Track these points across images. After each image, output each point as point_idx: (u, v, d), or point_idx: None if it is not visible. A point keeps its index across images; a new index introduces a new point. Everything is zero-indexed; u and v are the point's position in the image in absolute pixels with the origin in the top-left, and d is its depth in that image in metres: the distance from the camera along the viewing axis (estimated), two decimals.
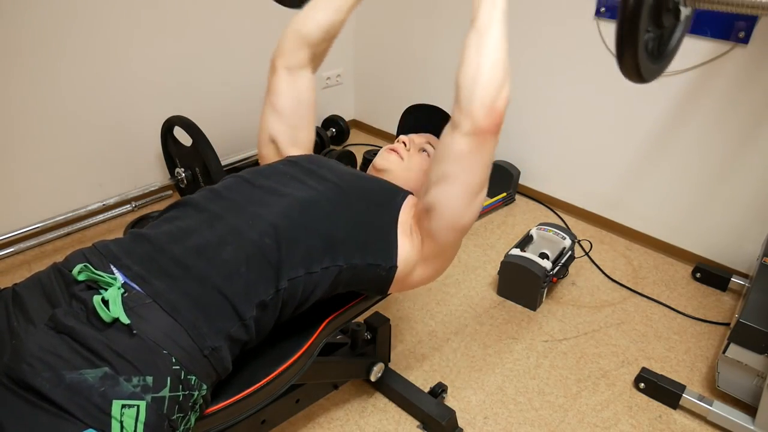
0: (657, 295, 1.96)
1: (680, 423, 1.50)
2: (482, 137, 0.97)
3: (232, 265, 0.90)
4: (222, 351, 0.86)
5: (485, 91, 0.95)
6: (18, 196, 2.00)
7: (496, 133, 0.99)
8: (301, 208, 1.01)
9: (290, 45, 1.22)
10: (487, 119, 0.96)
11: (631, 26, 0.84)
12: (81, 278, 0.85)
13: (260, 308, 0.91)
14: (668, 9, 0.93)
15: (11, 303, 0.87)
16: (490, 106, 0.96)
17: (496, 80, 0.96)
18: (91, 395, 0.73)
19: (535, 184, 2.52)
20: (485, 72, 0.96)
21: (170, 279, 0.87)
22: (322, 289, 0.99)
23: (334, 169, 1.15)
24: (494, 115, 0.97)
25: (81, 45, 1.97)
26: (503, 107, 0.98)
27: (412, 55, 2.71)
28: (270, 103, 1.26)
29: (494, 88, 0.96)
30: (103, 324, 0.79)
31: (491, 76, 0.96)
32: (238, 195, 1.04)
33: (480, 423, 1.47)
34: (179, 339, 0.82)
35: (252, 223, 0.96)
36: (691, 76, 1.91)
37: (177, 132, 2.18)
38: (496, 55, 0.97)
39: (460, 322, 1.81)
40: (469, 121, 0.97)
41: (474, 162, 1.00)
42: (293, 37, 1.21)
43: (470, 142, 0.98)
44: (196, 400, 0.83)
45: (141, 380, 0.76)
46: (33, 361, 0.74)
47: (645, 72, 0.95)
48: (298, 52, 1.22)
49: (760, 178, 1.88)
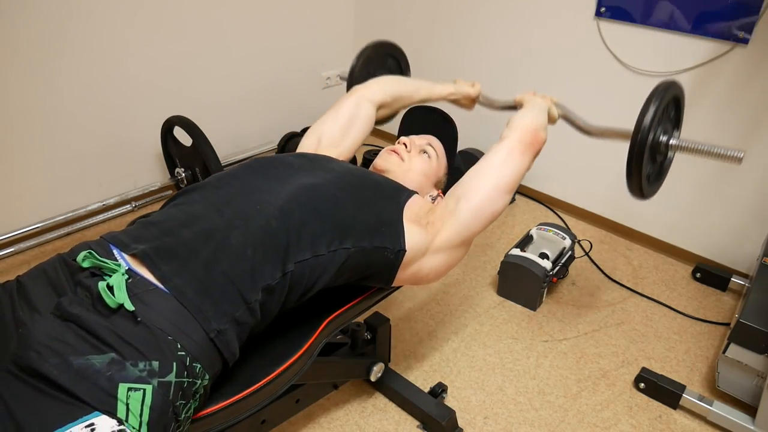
0: (657, 295, 1.96)
1: (680, 423, 1.50)
2: (523, 146, 1.17)
3: (239, 249, 0.91)
4: (228, 334, 0.86)
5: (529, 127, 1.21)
6: (18, 196, 2.00)
7: (533, 151, 1.19)
8: (309, 192, 1.02)
9: (376, 87, 1.43)
10: (529, 136, 1.19)
11: (636, 165, 1.19)
12: (85, 265, 0.85)
13: (266, 292, 0.91)
14: (660, 153, 1.28)
15: (16, 293, 0.87)
16: (534, 131, 1.20)
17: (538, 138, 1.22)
18: (98, 379, 0.73)
19: (535, 184, 2.52)
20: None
21: (178, 262, 0.87)
22: (329, 274, 0.99)
23: (342, 165, 1.20)
24: (536, 137, 1.20)
25: (81, 45, 1.97)
26: (542, 138, 1.22)
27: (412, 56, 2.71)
28: (333, 109, 1.41)
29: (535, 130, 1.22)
30: (109, 310, 0.79)
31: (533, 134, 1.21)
32: (245, 182, 1.05)
33: (480, 423, 1.47)
34: (184, 325, 0.82)
35: (259, 208, 0.97)
36: (691, 76, 1.92)
37: (177, 132, 2.18)
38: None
39: (460, 322, 1.81)
40: (516, 133, 1.19)
41: (510, 162, 1.15)
42: (381, 86, 1.44)
43: (512, 146, 1.16)
44: (198, 389, 0.83)
45: (147, 365, 0.76)
46: (40, 348, 0.74)
47: (646, 193, 1.29)
48: (376, 94, 1.42)
49: (760, 178, 1.88)
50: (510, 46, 2.36)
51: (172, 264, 0.87)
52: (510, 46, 2.36)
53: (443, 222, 1.13)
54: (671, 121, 1.30)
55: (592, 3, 2.05)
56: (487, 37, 2.41)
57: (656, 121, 1.16)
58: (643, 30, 1.98)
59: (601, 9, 2.04)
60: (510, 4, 2.29)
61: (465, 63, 2.52)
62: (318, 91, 2.87)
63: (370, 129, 1.43)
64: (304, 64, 2.74)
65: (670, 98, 1.22)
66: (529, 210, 2.46)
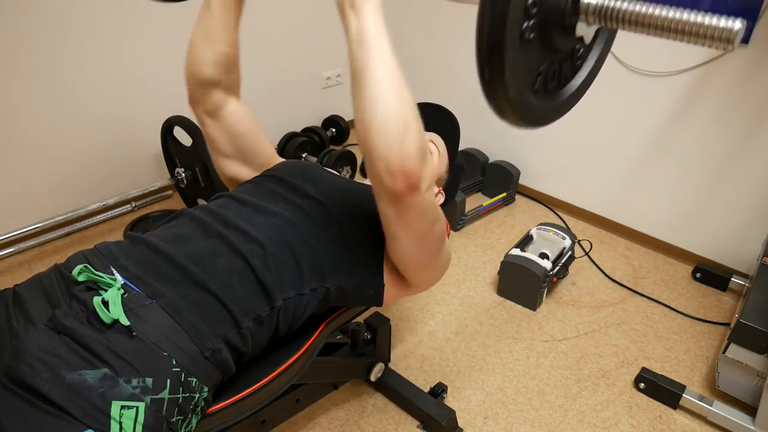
0: (657, 295, 1.96)
1: (680, 423, 1.49)
2: (400, 201, 0.83)
3: (226, 277, 0.90)
4: (223, 353, 0.86)
5: (380, 152, 0.78)
6: (18, 196, 2.00)
7: (416, 191, 0.81)
8: (287, 229, 1.00)
9: (197, 92, 1.13)
10: (394, 183, 0.79)
11: (496, 47, 0.60)
12: (81, 279, 0.85)
13: (256, 322, 0.92)
14: (562, 27, 0.67)
15: (12, 303, 0.87)
16: (391, 170, 0.78)
17: (390, 132, 0.77)
18: (91, 396, 0.73)
19: (535, 184, 2.52)
20: (375, 125, 0.77)
21: (168, 282, 0.87)
22: (311, 307, 1.00)
23: (319, 182, 1.10)
24: (401, 178, 0.78)
25: (81, 45, 1.97)
26: (412, 163, 0.78)
27: (412, 55, 2.71)
28: (214, 151, 1.20)
29: (391, 143, 0.77)
30: (103, 325, 0.79)
31: (383, 128, 0.77)
32: (228, 211, 1.03)
33: (480, 423, 1.47)
34: (180, 341, 0.82)
35: (242, 240, 0.96)
36: (691, 76, 1.91)
37: (177, 132, 2.17)
38: (385, 94, 0.78)
39: (460, 322, 1.81)
40: (380, 189, 0.83)
41: (407, 220, 0.89)
42: (195, 85, 1.13)
43: (391, 207, 0.86)
44: (197, 402, 0.83)
45: (140, 382, 0.76)
46: (33, 362, 0.74)
47: (526, 112, 0.68)
48: (208, 96, 1.13)
49: (760, 178, 1.87)
50: None
51: (164, 284, 0.87)
52: None
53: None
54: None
55: None
56: None
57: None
58: None
59: None
60: None
61: (464, 63, 2.52)
62: (318, 91, 2.87)
63: (248, 116, 1.18)
64: (304, 64, 2.74)
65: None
66: (529, 210, 2.46)
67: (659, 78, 1.99)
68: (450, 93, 2.59)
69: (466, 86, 2.56)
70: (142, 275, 0.87)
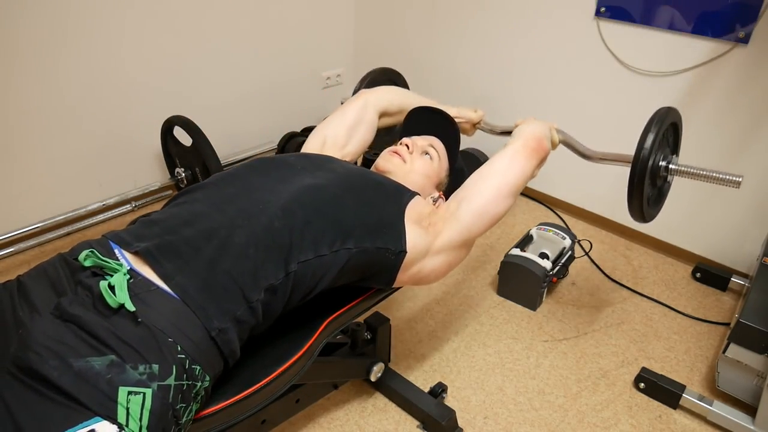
0: (657, 295, 1.96)
1: (680, 423, 1.50)
2: (527, 151, 1.23)
3: (242, 248, 0.91)
4: (229, 333, 0.87)
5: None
6: (18, 196, 2.00)
7: (538, 158, 1.24)
8: (311, 192, 1.03)
9: (382, 94, 1.47)
10: (533, 142, 1.26)
11: (638, 189, 1.23)
12: (87, 264, 0.85)
13: (269, 292, 0.91)
14: (660, 177, 1.30)
15: (16, 293, 0.87)
16: (538, 139, 1.28)
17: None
18: (98, 382, 0.73)
19: (535, 184, 2.51)
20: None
21: (180, 260, 0.88)
22: (331, 274, 1.00)
23: (344, 165, 1.20)
24: (541, 144, 1.27)
25: (80, 45, 1.97)
26: (547, 148, 1.29)
27: (412, 56, 2.71)
28: (340, 111, 1.42)
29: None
30: (109, 310, 0.79)
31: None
32: (248, 181, 1.05)
33: (480, 423, 1.47)
34: (185, 327, 0.82)
35: (262, 208, 0.97)
36: (691, 76, 1.92)
37: (177, 132, 2.18)
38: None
39: (460, 322, 1.81)
40: (521, 140, 1.27)
41: (514, 166, 1.19)
42: (387, 95, 1.47)
43: (516, 150, 1.23)
44: (198, 391, 0.83)
45: (147, 368, 0.76)
46: (40, 350, 0.74)
47: (647, 216, 1.32)
48: (382, 101, 1.45)
49: (760, 177, 1.88)
50: (509, 45, 2.36)
51: (175, 262, 0.87)
52: (509, 45, 2.36)
53: (445, 223, 1.13)
54: (670, 146, 1.33)
55: (592, 3, 2.05)
56: (486, 36, 2.41)
57: (656, 146, 1.20)
58: (643, 30, 1.98)
59: (601, 9, 2.04)
60: (509, 4, 2.29)
61: (464, 62, 2.52)
62: (318, 91, 2.87)
63: (373, 134, 1.45)
64: (304, 64, 2.74)
65: (668, 124, 1.24)
66: (529, 210, 2.46)
67: (659, 78, 1.99)
68: (450, 94, 2.59)
69: (466, 87, 2.56)
70: (155, 253, 0.88)
